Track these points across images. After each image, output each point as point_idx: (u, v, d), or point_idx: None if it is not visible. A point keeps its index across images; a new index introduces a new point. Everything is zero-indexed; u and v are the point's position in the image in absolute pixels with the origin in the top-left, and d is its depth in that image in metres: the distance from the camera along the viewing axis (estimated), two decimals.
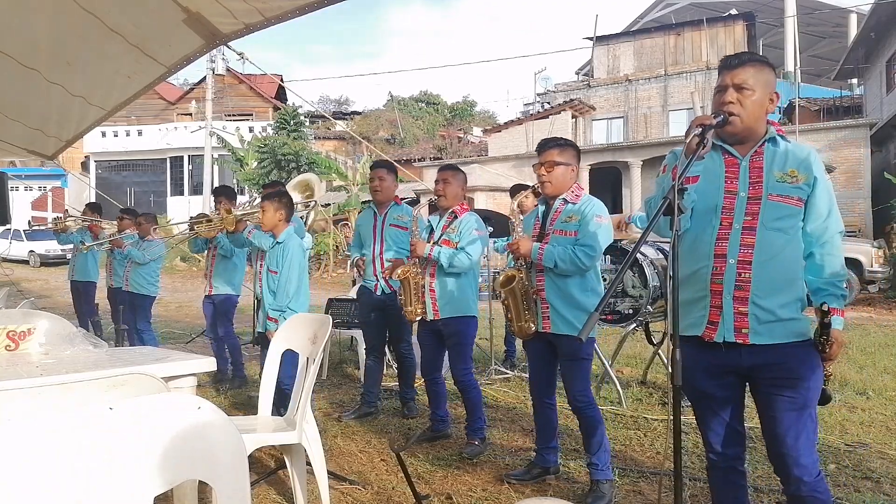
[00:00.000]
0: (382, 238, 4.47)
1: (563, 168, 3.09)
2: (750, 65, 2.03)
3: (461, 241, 3.73)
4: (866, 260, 11.48)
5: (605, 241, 3.04)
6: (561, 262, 2.97)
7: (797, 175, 2.01)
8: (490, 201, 18.76)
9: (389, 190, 4.53)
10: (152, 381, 1.83)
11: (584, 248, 2.97)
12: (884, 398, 4.82)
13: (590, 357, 3.14)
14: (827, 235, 2.03)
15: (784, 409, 1.98)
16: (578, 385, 3.05)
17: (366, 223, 4.64)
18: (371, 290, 4.52)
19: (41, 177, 28.03)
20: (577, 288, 3.03)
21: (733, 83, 2.02)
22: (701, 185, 2.05)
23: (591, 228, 3.00)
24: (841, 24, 26.34)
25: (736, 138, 2.07)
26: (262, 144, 22.06)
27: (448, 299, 3.76)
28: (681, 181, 1.86)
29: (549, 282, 3.06)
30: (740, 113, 2.01)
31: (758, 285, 1.98)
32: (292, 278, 3.85)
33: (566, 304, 3.03)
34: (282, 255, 3.88)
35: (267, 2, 3.45)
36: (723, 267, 2.02)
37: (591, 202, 3.09)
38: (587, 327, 1.77)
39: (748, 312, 1.98)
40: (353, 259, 4.85)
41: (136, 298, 6.14)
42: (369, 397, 4.57)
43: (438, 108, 39.04)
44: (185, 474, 1.25)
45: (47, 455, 1.10)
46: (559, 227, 3.08)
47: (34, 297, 9.87)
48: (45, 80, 4.32)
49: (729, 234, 2.02)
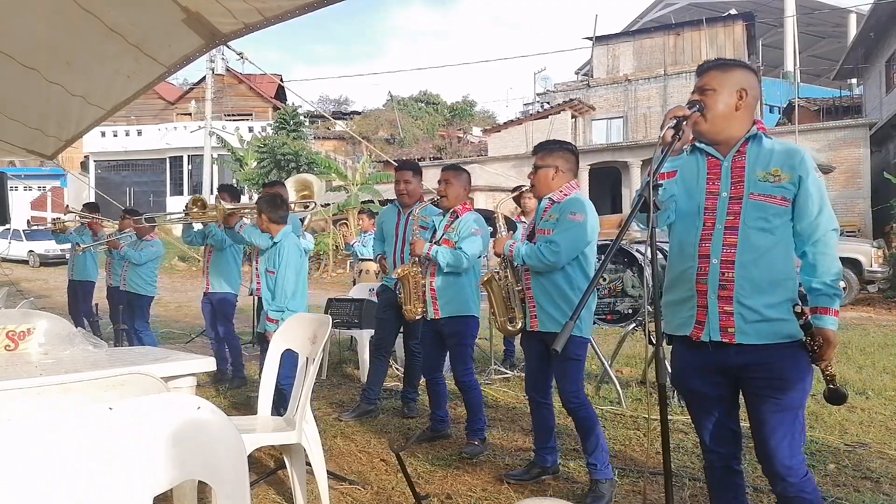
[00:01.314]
0: (405, 237, 4.44)
1: (545, 170, 3.14)
2: (715, 69, 2.08)
3: (460, 240, 3.74)
4: (866, 260, 11.47)
5: (579, 239, 3.00)
6: (527, 259, 3.04)
7: (780, 174, 2.00)
8: (490, 201, 18.75)
9: (416, 192, 4.50)
10: (152, 381, 1.83)
11: (548, 245, 2.97)
12: (883, 398, 4.82)
13: (580, 357, 3.10)
14: (818, 234, 2.00)
15: (770, 410, 1.98)
16: (570, 385, 3.04)
17: (389, 220, 4.62)
18: (391, 288, 4.52)
19: (40, 176, 28.02)
20: (563, 286, 3.03)
21: (697, 87, 2.09)
22: (685, 186, 2.07)
23: (563, 226, 3.01)
24: (840, 24, 26.39)
25: (708, 139, 2.09)
26: (261, 144, 22.05)
27: (448, 299, 3.76)
28: (655, 177, 1.87)
29: (534, 280, 3.10)
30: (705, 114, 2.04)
31: (742, 285, 1.98)
32: (289, 278, 3.85)
33: (551, 302, 3.04)
34: (278, 255, 3.88)
35: (266, 1, 3.45)
36: (707, 267, 2.03)
37: (573, 201, 3.07)
38: (562, 338, 1.72)
39: (733, 312, 1.99)
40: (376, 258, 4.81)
41: (134, 298, 6.14)
42: (370, 395, 4.55)
43: (438, 108, 39.02)
44: (184, 474, 1.25)
45: (47, 455, 1.10)
46: (541, 225, 3.13)
47: (33, 297, 9.86)
48: (44, 80, 4.32)
49: (712, 235, 2.03)
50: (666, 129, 1.93)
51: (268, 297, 3.94)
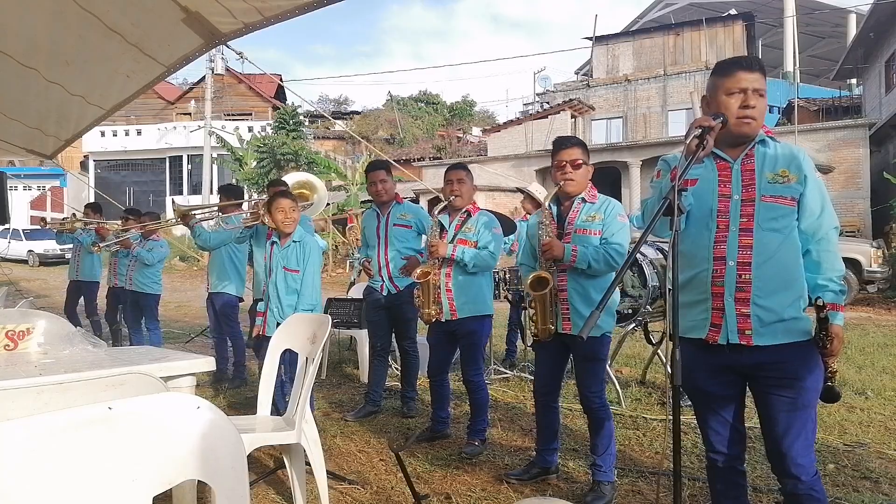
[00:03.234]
0: (387, 239, 4.46)
1: (585, 167, 3.08)
2: (760, 72, 2.05)
3: (482, 240, 3.72)
4: (865, 260, 11.47)
5: (627, 239, 3.05)
6: (595, 263, 2.95)
7: (788, 175, 2.03)
8: (489, 201, 18.75)
9: (391, 191, 4.53)
10: (151, 381, 1.83)
11: (615, 247, 2.97)
12: (882, 398, 4.83)
13: (605, 358, 3.13)
14: (822, 232, 2.05)
15: (782, 408, 1.99)
16: (594, 386, 3.04)
17: (370, 225, 4.63)
18: (377, 290, 4.52)
19: (40, 176, 28.01)
20: (598, 289, 3.01)
21: (752, 88, 2.02)
22: (695, 189, 2.08)
23: (616, 227, 3.02)
24: (840, 24, 26.37)
25: (731, 141, 2.08)
26: (261, 144, 22.06)
27: (466, 299, 3.73)
28: (680, 182, 1.87)
29: (572, 282, 3.03)
30: (757, 117, 2.03)
31: (758, 286, 2.00)
32: (317, 276, 3.82)
33: (588, 305, 3.00)
34: (302, 254, 3.78)
35: (266, 1, 3.44)
36: (723, 270, 2.03)
37: (611, 202, 3.10)
38: (588, 325, 1.78)
39: (750, 314, 2.00)
40: (360, 261, 4.83)
41: (142, 298, 6.22)
42: (374, 396, 4.57)
43: (438, 108, 39.01)
44: (183, 474, 1.25)
45: (46, 455, 1.10)
46: (581, 226, 3.04)
47: (33, 297, 9.86)
48: (43, 80, 4.31)
49: (727, 237, 2.04)
50: (691, 137, 1.93)
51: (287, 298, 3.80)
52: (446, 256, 3.71)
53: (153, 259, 6.15)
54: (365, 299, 4.82)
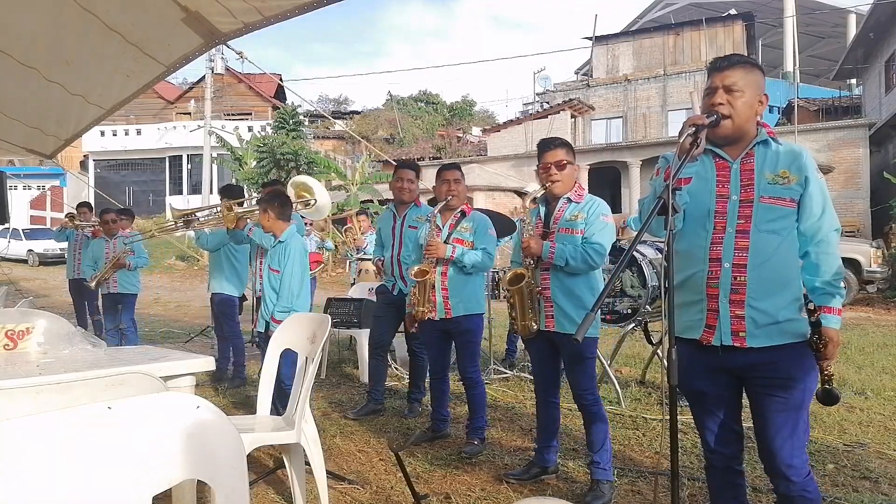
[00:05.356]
0: (402, 240, 4.47)
1: (570, 167, 3.10)
2: (739, 66, 2.03)
3: (478, 240, 3.75)
4: (865, 260, 11.48)
5: (610, 240, 3.07)
6: (572, 261, 2.98)
7: (789, 176, 2.00)
8: (489, 201, 18.76)
9: (414, 192, 4.55)
10: (151, 381, 1.82)
11: (593, 246, 2.99)
12: (882, 398, 4.83)
13: (594, 356, 3.15)
14: (821, 234, 2.02)
15: (775, 409, 1.99)
16: (584, 383, 3.06)
17: (386, 225, 4.66)
18: (389, 289, 4.56)
19: (40, 176, 27.97)
20: (583, 287, 3.04)
21: (723, 85, 2.02)
22: (693, 189, 2.05)
23: (598, 227, 3.03)
24: (840, 24, 26.37)
25: (726, 140, 2.06)
26: (260, 144, 22.03)
27: (460, 298, 3.76)
28: (674, 181, 1.87)
29: (555, 280, 3.06)
30: (731, 114, 2.00)
31: (753, 288, 1.98)
32: (296, 276, 3.85)
33: (572, 303, 3.03)
34: (283, 254, 3.87)
35: (266, 1, 3.44)
36: (718, 271, 2.02)
37: (596, 201, 3.12)
38: (583, 327, 1.76)
39: (745, 316, 1.99)
40: (373, 260, 4.89)
41: (124, 298, 6.35)
42: (376, 395, 4.58)
43: (437, 108, 39.01)
44: (183, 474, 1.25)
45: (46, 454, 1.10)
46: (564, 225, 3.08)
47: (33, 296, 9.85)
48: (43, 79, 4.31)
49: (723, 239, 2.02)
50: (685, 136, 1.92)
51: (272, 295, 3.92)
52: (446, 257, 3.72)
53: (144, 262, 6.42)
54: (377, 296, 4.88)
